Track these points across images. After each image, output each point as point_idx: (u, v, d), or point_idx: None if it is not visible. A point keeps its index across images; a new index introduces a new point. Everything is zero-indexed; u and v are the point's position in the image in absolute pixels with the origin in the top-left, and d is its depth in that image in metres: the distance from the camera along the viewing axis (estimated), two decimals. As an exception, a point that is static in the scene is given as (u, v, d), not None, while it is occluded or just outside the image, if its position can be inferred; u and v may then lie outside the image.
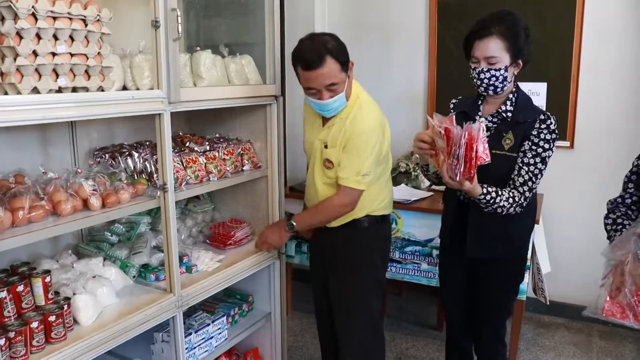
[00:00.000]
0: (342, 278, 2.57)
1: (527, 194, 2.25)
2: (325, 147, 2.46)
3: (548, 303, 3.64)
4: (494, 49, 2.20)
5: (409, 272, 3.65)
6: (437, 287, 3.24)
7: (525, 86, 3.83)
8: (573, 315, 4.08)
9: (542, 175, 2.27)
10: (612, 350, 3.70)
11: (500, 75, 2.23)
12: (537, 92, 3.90)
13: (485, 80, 2.26)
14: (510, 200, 2.24)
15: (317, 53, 2.25)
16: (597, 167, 3.86)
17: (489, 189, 2.22)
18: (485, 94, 2.34)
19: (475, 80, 2.30)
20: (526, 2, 3.82)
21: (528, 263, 3.33)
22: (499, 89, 2.28)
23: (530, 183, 2.24)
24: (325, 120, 2.48)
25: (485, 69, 2.24)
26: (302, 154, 2.76)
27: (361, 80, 2.50)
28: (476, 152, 2.09)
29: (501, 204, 2.23)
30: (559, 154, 3.84)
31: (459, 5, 4.02)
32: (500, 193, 2.23)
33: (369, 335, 2.61)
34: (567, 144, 3.88)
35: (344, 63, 2.31)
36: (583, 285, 3.94)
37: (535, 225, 3.35)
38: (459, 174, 2.13)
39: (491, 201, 2.22)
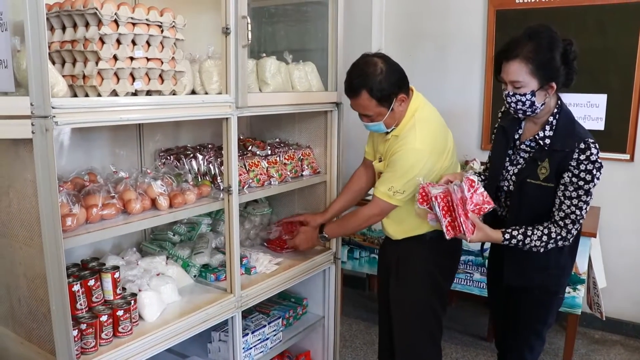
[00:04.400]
0: (403, 284, 2.57)
1: (570, 226, 2.09)
2: (380, 160, 2.50)
3: (604, 318, 3.57)
4: (518, 73, 2.05)
5: (461, 281, 3.63)
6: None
7: (583, 97, 3.84)
8: (630, 332, 3.98)
9: (588, 205, 2.09)
10: (672, 370, 3.60)
11: (527, 100, 2.08)
12: (597, 104, 3.82)
13: (513, 105, 2.12)
14: (545, 237, 2.11)
15: (355, 85, 2.28)
16: (659, 181, 3.77)
17: (514, 233, 2.13)
18: (516, 117, 2.21)
19: (505, 103, 2.18)
20: (587, 11, 3.75)
21: (583, 277, 3.28)
22: (528, 113, 2.13)
23: (573, 216, 2.08)
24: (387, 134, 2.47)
25: (511, 93, 2.10)
26: (355, 161, 2.79)
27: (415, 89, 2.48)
28: (460, 209, 2.09)
29: (533, 244, 2.12)
30: (618, 166, 3.78)
31: (518, 14, 3.97)
32: (530, 233, 2.12)
33: (424, 342, 2.60)
34: (627, 157, 3.78)
35: (383, 99, 2.29)
36: (642, 302, 3.89)
37: (592, 239, 3.31)
38: (445, 232, 2.15)
39: (519, 244, 2.13)
